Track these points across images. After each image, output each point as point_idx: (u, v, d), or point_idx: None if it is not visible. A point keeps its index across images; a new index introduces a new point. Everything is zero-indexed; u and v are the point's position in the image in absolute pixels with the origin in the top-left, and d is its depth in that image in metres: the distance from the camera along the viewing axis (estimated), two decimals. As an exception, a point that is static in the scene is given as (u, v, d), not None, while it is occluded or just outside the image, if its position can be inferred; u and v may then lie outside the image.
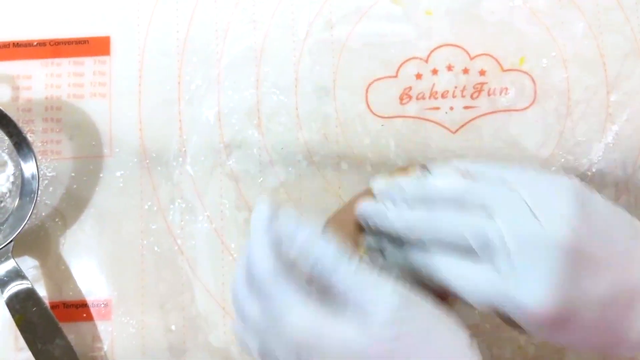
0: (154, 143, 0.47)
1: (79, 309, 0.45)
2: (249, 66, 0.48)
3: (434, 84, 0.48)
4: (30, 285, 0.42)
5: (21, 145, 0.44)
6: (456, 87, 0.48)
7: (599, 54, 0.48)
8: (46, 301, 0.44)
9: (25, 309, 0.42)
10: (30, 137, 0.45)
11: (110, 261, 0.46)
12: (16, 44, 0.48)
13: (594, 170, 0.47)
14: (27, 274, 0.43)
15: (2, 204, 0.45)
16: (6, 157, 0.45)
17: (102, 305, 0.45)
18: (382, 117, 0.47)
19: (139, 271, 0.46)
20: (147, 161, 0.47)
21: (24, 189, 0.44)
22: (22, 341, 0.42)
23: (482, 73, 0.48)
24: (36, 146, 0.47)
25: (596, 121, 0.47)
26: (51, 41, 0.48)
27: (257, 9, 0.49)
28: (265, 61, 0.48)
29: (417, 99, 0.48)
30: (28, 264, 0.46)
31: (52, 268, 0.46)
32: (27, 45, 0.48)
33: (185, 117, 0.48)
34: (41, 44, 0.48)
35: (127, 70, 0.48)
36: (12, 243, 0.43)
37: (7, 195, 0.45)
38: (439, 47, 0.48)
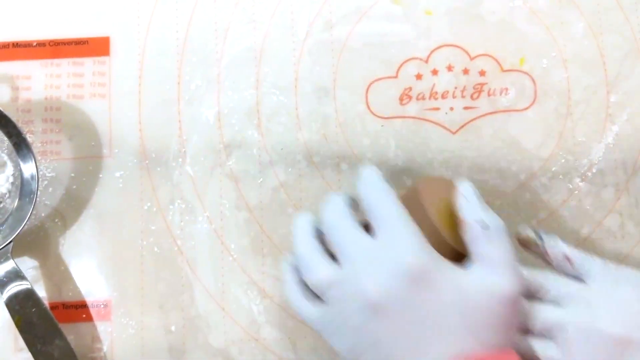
0: (153, 143, 0.47)
1: (78, 310, 0.45)
2: (248, 66, 0.48)
3: (434, 85, 0.48)
4: (29, 286, 0.42)
5: (20, 145, 0.44)
6: (456, 88, 0.48)
7: (599, 54, 0.48)
8: (46, 302, 0.44)
9: (24, 309, 0.42)
10: (29, 138, 0.45)
11: (109, 262, 0.46)
12: (16, 44, 0.48)
13: (594, 171, 0.47)
14: (26, 275, 0.43)
15: (1, 205, 0.45)
16: (5, 158, 0.45)
17: (102, 306, 0.45)
18: (382, 117, 0.47)
19: (138, 272, 0.46)
20: (147, 161, 0.47)
21: (24, 189, 0.44)
22: (21, 342, 0.42)
23: (482, 73, 0.48)
24: (36, 147, 0.47)
25: (596, 121, 0.47)
26: (51, 41, 0.48)
27: (256, 9, 0.49)
28: (265, 61, 0.48)
29: (417, 99, 0.47)
30: (27, 265, 0.45)
31: (52, 269, 0.46)
32: (26, 45, 0.48)
33: (185, 118, 0.48)
34: (41, 44, 0.48)
35: (126, 71, 0.48)
36: (12, 244, 0.43)
37: (7, 195, 0.45)
38: (439, 47, 0.48)
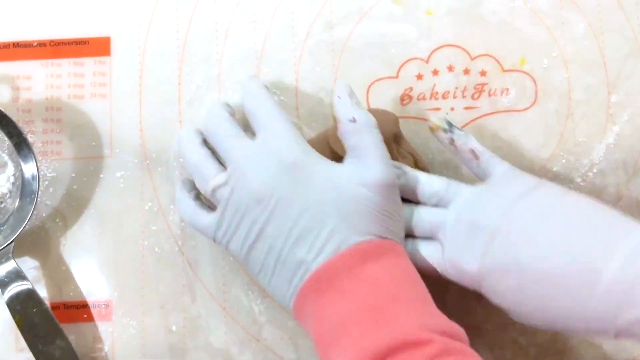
0: (154, 143, 0.47)
1: (79, 310, 0.45)
2: (249, 67, 0.48)
3: (434, 85, 0.48)
4: (30, 286, 0.42)
5: (21, 145, 0.44)
6: (457, 88, 0.48)
7: (599, 54, 0.48)
8: (47, 302, 0.44)
9: (25, 309, 0.42)
10: (30, 138, 0.45)
11: (110, 262, 0.46)
12: (16, 45, 0.48)
13: (595, 171, 0.47)
14: (27, 275, 0.43)
15: (2, 205, 0.45)
16: (6, 158, 0.45)
17: (103, 306, 0.45)
18: (383, 117, 0.47)
19: (139, 272, 0.46)
20: (148, 162, 0.47)
21: (24, 189, 0.44)
22: (22, 342, 0.42)
23: (482, 73, 0.48)
24: (36, 147, 0.47)
25: (597, 122, 0.47)
26: (51, 42, 0.48)
27: (257, 9, 0.49)
28: (266, 62, 0.48)
29: (418, 99, 0.47)
30: (28, 265, 0.45)
31: (53, 269, 0.46)
32: (27, 45, 0.48)
33: (186, 118, 0.48)
34: (41, 44, 0.48)
35: (127, 71, 0.48)
36: (13, 244, 0.43)
37: (8, 196, 0.45)
38: (440, 47, 0.48)
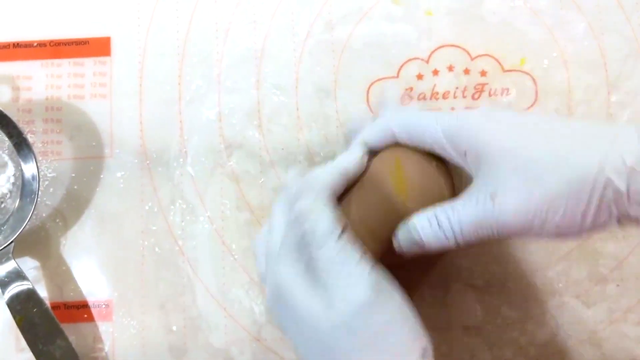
0: (154, 144, 0.47)
1: (79, 310, 0.45)
2: (249, 67, 0.48)
3: (434, 85, 0.48)
4: (31, 286, 0.42)
5: (21, 146, 0.44)
6: (457, 88, 0.47)
7: (599, 54, 0.48)
8: (47, 302, 0.44)
9: (26, 309, 0.42)
10: (30, 138, 0.45)
11: (111, 262, 0.46)
12: (16, 45, 0.48)
13: (594, 171, 0.47)
14: (27, 275, 0.43)
15: (2, 205, 0.45)
16: (6, 158, 0.45)
17: (103, 306, 0.45)
18: (383, 117, 0.47)
19: (139, 272, 0.46)
20: (148, 162, 0.47)
21: (25, 189, 0.44)
22: (23, 342, 0.42)
23: (483, 74, 0.48)
24: (36, 147, 0.47)
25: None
26: (51, 42, 0.48)
27: (257, 9, 0.49)
28: (266, 62, 0.48)
29: (418, 99, 0.47)
30: (29, 265, 0.46)
31: (53, 269, 0.46)
32: (27, 45, 0.48)
33: (186, 118, 0.48)
34: (41, 44, 0.48)
35: (127, 71, 0.48)
36: (13, 244, 0.43)
37: (8, 196, 0.45)
38: (440, 47, 0.48)
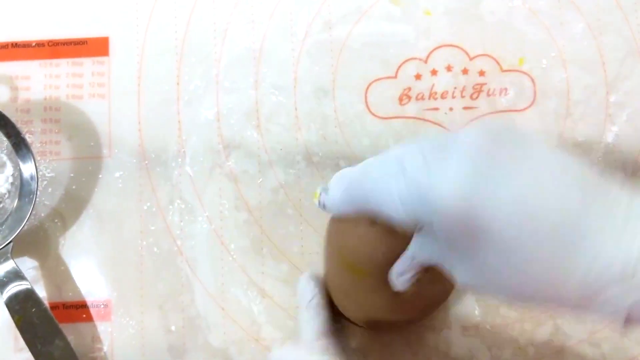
0: (153, 143, 0.47)
1: (78, 310, 0.45)
2: (247, 66, 0.48)
3: (433, 85, 0.48)
4: (29, 286, 0.42)
5: (20, 146, 0.44)
6: (455, 88, 0.47)
7: (598, 54, 0.48)
8: (46, 302, 0.44)
9: (24, 309, 0.42)
10: (29, 138, 0.45)
11: (109, 262, 0.46)
12: (15, 45, 0.48)
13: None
14: (26, 275, 0.43)
15: (1, 205, 0.45)
16: (5, 158, 0.45)
17: (102, 306, 0.45)
18: (382, 117, 0.47)
19: (138, 272, 0.46)
20: (146, 162, 0.47)
21: (23, 189, 0.44)
22: (21, 342, 0.42)
23: (481, 73, 0.48)
24: (35, 147, 0.47)
25: (596, 122, 0.47)
26: (50, 42, 0.48)
27: (255, 9, 0.49)
28: (264, 61, 0.48)
29: (417, 99, 0.47)
30: (27, 265, 0.46)
31: (52, 269, 0.46)
32: (25, 45, 0.48)
33: (184, 118, 0.48)
34: (40, 44, 0.48)
35: (126, 71, 0.48)
36: (12, 244, 0.43)
37: (6, 196, 0.45)
38: (438, 47, 0.48)
